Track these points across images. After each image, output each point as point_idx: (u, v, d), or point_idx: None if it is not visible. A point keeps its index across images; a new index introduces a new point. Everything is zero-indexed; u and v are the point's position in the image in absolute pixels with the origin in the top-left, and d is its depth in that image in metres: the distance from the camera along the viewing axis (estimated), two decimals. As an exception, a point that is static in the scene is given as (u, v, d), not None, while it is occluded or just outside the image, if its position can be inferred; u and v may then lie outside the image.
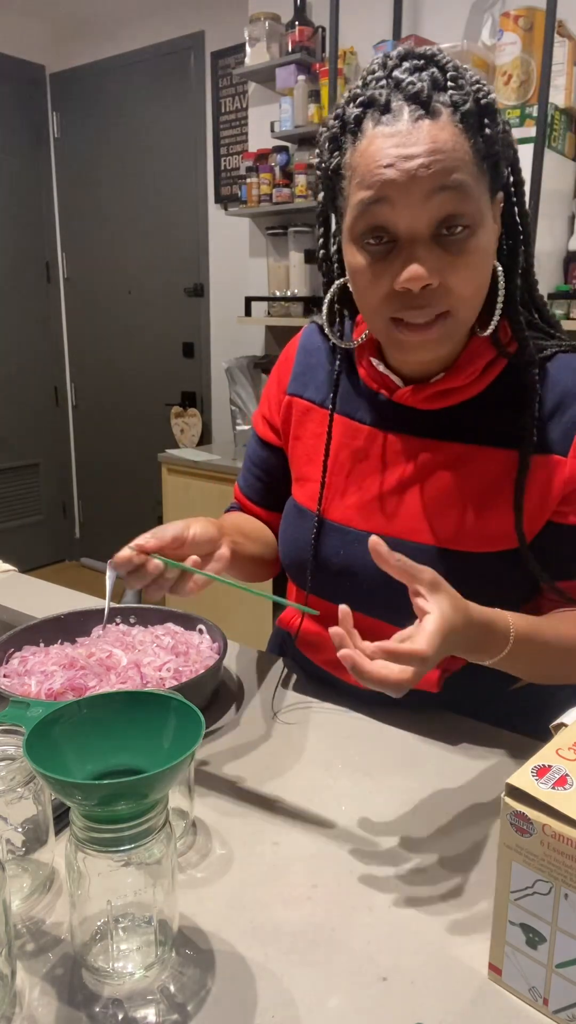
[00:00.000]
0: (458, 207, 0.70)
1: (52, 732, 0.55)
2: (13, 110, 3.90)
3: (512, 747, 0.86)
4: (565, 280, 2.27)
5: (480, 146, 0.71)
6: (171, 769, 0.50)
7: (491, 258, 0.76)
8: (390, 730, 0.89)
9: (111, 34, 3.68)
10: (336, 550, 0.89)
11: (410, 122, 0.69)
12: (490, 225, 0.74)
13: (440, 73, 0.70)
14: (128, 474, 4.17)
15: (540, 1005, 0.54)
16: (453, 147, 0.69)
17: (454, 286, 0.72)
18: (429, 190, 0.69)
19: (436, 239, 0.71)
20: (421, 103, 0.69)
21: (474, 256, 0.72)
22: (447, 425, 0.84)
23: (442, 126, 0.69)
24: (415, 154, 0.68)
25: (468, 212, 0.70)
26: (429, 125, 0.69)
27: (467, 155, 0.70)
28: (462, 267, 0.72)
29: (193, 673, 0.93)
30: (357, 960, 0.58)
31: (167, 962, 0.57)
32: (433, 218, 0.70)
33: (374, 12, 2.58)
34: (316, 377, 0.95)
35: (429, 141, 0.68)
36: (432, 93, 0.69)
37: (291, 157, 2.80)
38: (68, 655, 0.95)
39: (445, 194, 0.69)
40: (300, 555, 0.93)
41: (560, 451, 0.79)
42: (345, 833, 0.72)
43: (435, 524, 0.84)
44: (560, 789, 0.51)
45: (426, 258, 0.71)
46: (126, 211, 3.84)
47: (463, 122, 0.69)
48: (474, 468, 0.83)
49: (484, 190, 0.72)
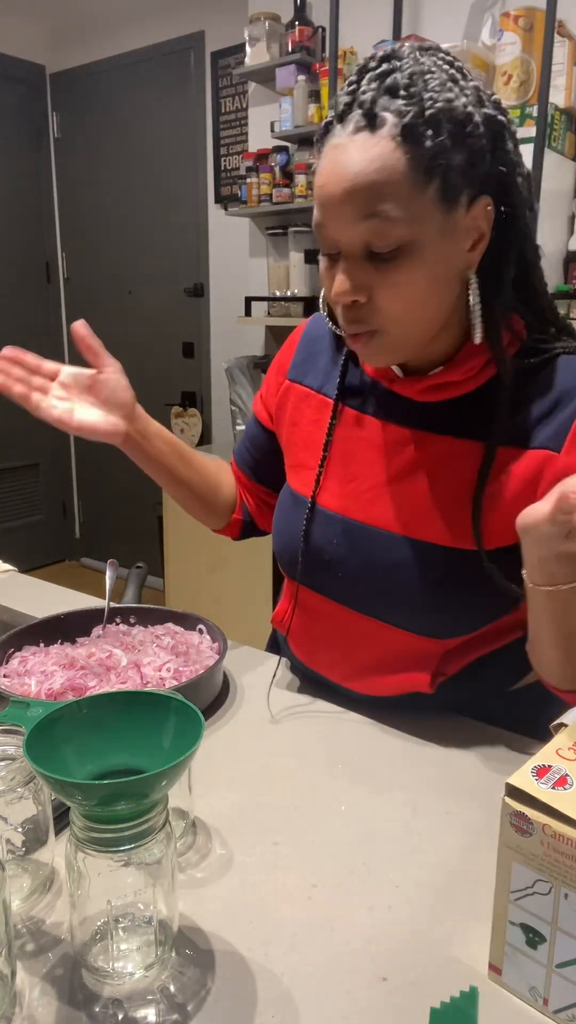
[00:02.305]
0: (378, 235, 0.70)
1: (52, 732, 0.55)
2: (13, 110, 3.90)
3: (512, 747, 0.86)
4: (565, 280, 2.27)
5: (422, 159, 0.68)
6: (171, 769, 0.50)
7: (436, 273, 0.73)
8: (390, 730, 0.89)
9: (111, 34, 3.68)
10: (329, 539, 0.89)
11: (350, 135, 0.69)
12: (436, 240, 0.71)
13: (400, 78, 0.68)
14: (128, 474, 4.14)
15: (540, 1005, 0.54)
16: (377, 164, 0.68)
17: (381, 304, 0.73)
18: (352, 216, 0.70)
19: (369, 256, 0.72)
20: (365, 113, 0.69)
21: (405, 274, 0.71)
22: (443, 419, 0.84)
23: (377, 140, 0.68)
24: (343, 176, 0.69)
25: (393, 234, 0.70)
26: (364, 139, 0.68)
27: (398, 173, 0.68)
28: (389, 286, 0.72)
29: (193, 673, 0.94)
30: (357, 960, 0.58)
31: (167, 962, 0.57)
32: (361, 238, 0.71)
33: (374, 12, 2.58)
34: (317, 364, 0.95)
35: (358, 160, 0.68)
36: (379, 101, 0.68)
37: (291, 157, 2.80)
38: (68, 655, 0.95)
39: (369, 222, 0.69)
40: (292, 541, 0.92)
41: (553, 447, 0.79)
42: (345, 833, 0.72)
43: (429, 518, 0.84)
44: (560, 789, 0.51)
45: (354, 274, 0.72)
46: (126, 211, 3.84)
47: (403, 134, 0.68)
48: (467, 463, 0.83)
49: (428, 205, 0.70)
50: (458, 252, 0.74)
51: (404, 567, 0.84)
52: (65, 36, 3.88)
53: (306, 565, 0.91)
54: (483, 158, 0.72)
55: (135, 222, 3.81)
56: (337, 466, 0.91)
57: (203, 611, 1.07)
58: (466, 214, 0.72)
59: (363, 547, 0.86)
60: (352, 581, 0.88)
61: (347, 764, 0.83)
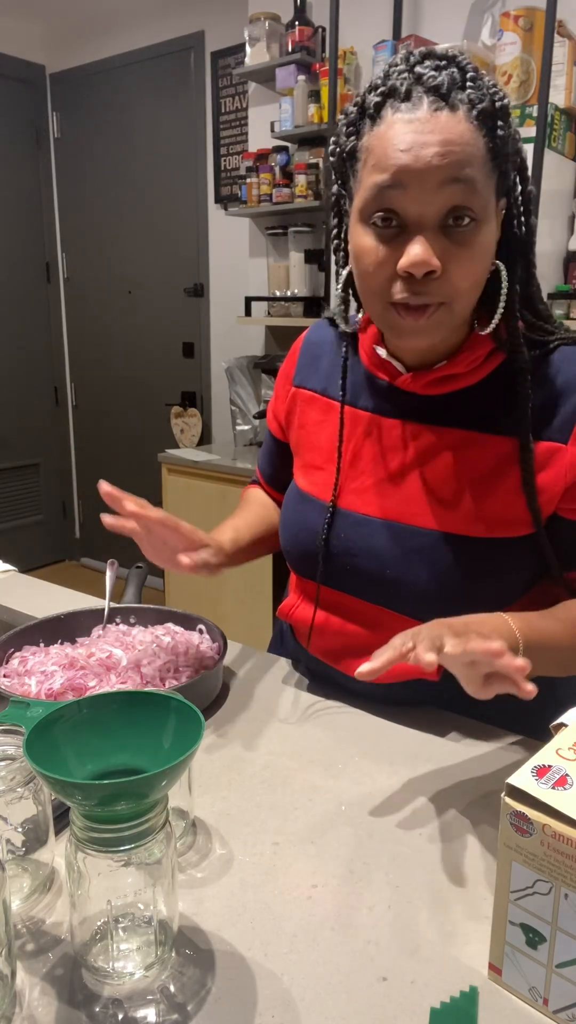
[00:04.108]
0: (467, 200, 0.72)
1: (52, 732, 0.55)
2: (13, 110, 3.90)
3: (512, 747, 0.86)
4: (565, 280, 2.27)
5: (493, 146, 0.72)
6: (171, 769, 0.50)
7: (490, 256, 0.77)
8: (390, 730, 0.89)
9: (111, 34, 3.68)
10: (338, 533, 0.91)
11: (429, 111, 0.71)
12: (493, 224, 0.76)
13: (460, 72, 0.72)
14: (128, 474, 4.17)
15: (540, 1005, 0.54)
16: (468, 141, 0.71)
17: (454, 276, 0.74)
18: (442, 180, 0.71)
19: (443, 229, 0.73)
20: (441, 95, 0.71)
21: (476, 250, 0.74)
22: (447, 412, 0.86)
23: (459, 120, 0.71)
24: (431, 142, 0.70)
25: (476, 206, 0.72)
26: (447, 117, 0.71)
27: (480, 152, 0.72)
28: (465, 259, 0.74)
29: (193, 673, 0.94)
30: (357, 960, 0.58)
31: (167, 962, 0.57)
32: (443, 207, 0.72)
33: (374, 12, 2.58)
34: (319, 368, 0.98)
35: (446, 132, 0.70)
36: (451, 89, 0.71)
37: (291, 157, 2.80)
38: (68, 655, 0.95)
39: (457, 186, 0.71)
40: (306, 542, 0.93)
41: (560, 439, 0.81)
42: (345, 833, 0.72)
43: (435, 508, 0.85)
44: (560, 789, 0.51)
45: (432, 245, 0.73)
46: (126, 211, 3.84)
47: (479, 119, 0.71)
48: (473, 454, 0.84)
49: (492, 190, 0.74)
50: (494, 241, 0.77)
51: (411, 557, 0.85)
52: (65, 36, 3.88)
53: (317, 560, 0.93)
54: (519, 157, 0.77)
55: (135, 222, 3.81)
56: (348, 465, 0.92)
57: (203, 611, 1.07)
58: (496, 207, 0.76)
59: (370, 539, 0.88)
60: (361, 572, 0.89)
61: (347, 763, 0.83)
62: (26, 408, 4.18)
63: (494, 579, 0.84)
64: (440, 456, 0.86)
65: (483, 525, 0.84)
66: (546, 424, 0.81)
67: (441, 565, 0.84)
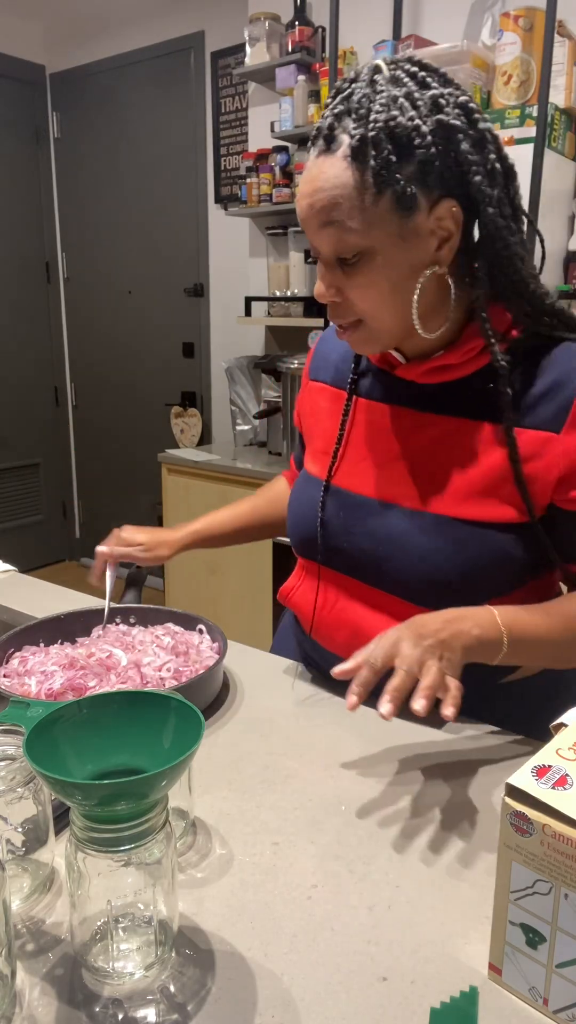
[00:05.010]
0: (341, 239, 0.78)
1: (52, 732, 0.55)
2: (13, 110, 3.90)
3: (512, 747, 0.86)
4: (565, 280, 2.27)
5: (369, 175, 0.75)
6: (171, 769, 0.50)
7: (399, 274, 0.80)
8: (390, 730, 0.89)
9: (111, 34, 3.68)
10: (335, 512, 0.95)
11: (314, 158, 0.79)
12: (395, 245, 0.78)
13: (352, 102, 0.76)
14: (128, 474, 4.17)
15: (540, 1005, 0.54)
16: (333, 183, 0.76)
17: (354, 301, 0.82)
18: (317, 225, 0.79)
19: (338, 262, 0.81)
20: (324, 138, 0.78)
21: (367, 277, 0.80)
22: (442, 400, 0.89)
23: (333, 161, 0.76)
24: (307, 192, 0.79)
25: (351, 243, 0.78)
26: (322, 161, 0.77)
27: (350, 188, 0.76)
28: (356, 287, 0.81)
29: (193, 673, 0.94)
30: (357, 960, 0.58)
31: (167, 962, 0.57)
32: (328, 246, 0.80)
33: (374, 12, 2.58)
34: (330, 362, 1.04)
35: (319, 179, 0.77)
36: (336, 125, 0.77)
37: (291, 157, 2.80)
38: (68, 655, 0.95)
39: (329, 228, 0.78)
40: (303, 518, 0.98)
41: (553, 428, 0.83)
42: (345, 833, 0.72)
43: (427, 491, 0.89)
44: (560, 789, 0.51)
45: (326, 277, 0.82)
46: (126, 211, 3.84)
47: (352, 154, 0.75)
48: (464, 440, 0.88)
49: (384, 214, 0.76)
50: (423, 252, 0.80)
51: (403, 537, 0.88)
52: (65, 36, 3.88)
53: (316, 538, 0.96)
54: (434, 164, 0.76)
55: (135, 222, 3.81)
56: (348, 448, 0.97)
57: (203, 611, 1.08)
58: (428, 217, 0.78)
59: (364, 519, 0.92)
60: (356, 552, 0.92)
61: (347, 764, 0.83)
62: (26, 408, 4.18)
63: (487, 564, 0.86)
64: (433, 441, 0.89)
65: (473, 508, 0.86)
66: (540, 414, 0.83)
67: (432, 547, 0.87)
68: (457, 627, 0.77)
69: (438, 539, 0.86)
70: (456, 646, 0.75)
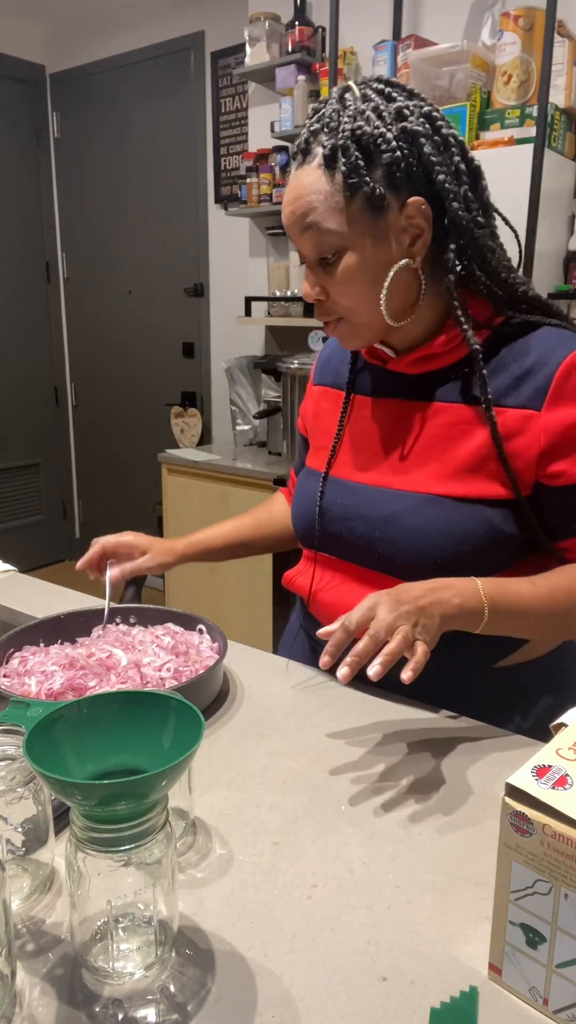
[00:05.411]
0: (319, 241, 0.86)
1: (52, 732, 0.55)
2: (13, 110, 3.90)
3: (512, 747, 0.86)
4: (565, 280, 2.27)
5: (340, 179, 0.82)
6: (171, 769, 0.50)
7: (376, 270, 0.86)
8: (391, 730, 0.89)
9: (111, 34, 3.68)
10: (335, 500, 0.99)
11: (294, 171, 0.87)
12: (370, 243, 0.85)
13: (323, 117, 0.84)
14: (128, 474, 4.17)
15: (540, 1005, 0.54)
16: (309, 189, 0.84)
17: (336, 298, 0.89)
18: (299, 230, 0.87)
19: (320, 263, 0.88)
20: (302, 151, 0.86)
21: (344, 275, 0.86)
22: (432, 388, 0.95)
23: (309, 171, 0.84)
24: (289, 200, 0.87)
25: (329, 243, 0.85)
26: (300, 172, 0.85)
27: (323, 193, 0.83)
28: (336, 284, 0.88)
29: (193, 673, 0.94)
30: (357, 960, 0.58)
31: (167, 962, 0.57)
32: (310, 248, 0.87)
33: (374, 12, 2.58)
34: (331, 365, 1.10)
35: (298, 188, 0.85)
36: (311, 139, 0.84)
37: (291, 157, 2.80)
38: (68, 655, 0.95)
39: (309, 231, 0.86)
40: (307, 511, 1.02)
41: (534, 406, 0.87)
42: (345, 832, 0.72)
43: (417, 473, 0.93)
44: (560, 789, 0.51)
45: (310, 277, 0.90)
46: (126, 211, 3.84)
47: (324, 162, 0.83)
48: (454, 423, 0.92)
49: (357, 215, 0.83)
50: (397, 249, 0.86)
51: (397, 519, 0.92)
52: (65, 36, 3.88)
53: (318, 526, 1.00)
54: (400, 166, 0.82)
55: (135, 222, 3.81)
56: (346, 442, 1.02)
57: (203, 611, 1.08)
58: (399, 215, 0.84)
59: (360, 504, 0.96)
60: (354, 536, 0.96)
61: (347, 764, 0.83)
62: (26, 408, 4.18)
63: (479, 541, 0.89)
64: (423, 427, 0.94)
65: (462, 485, 0.90)
66: (522, 393, 0.88)
67: (425, 525, 0.90)
68: (438, 595, 0.80)
69: (430, 517, 0.90)
70: (434, 612, 0.78)
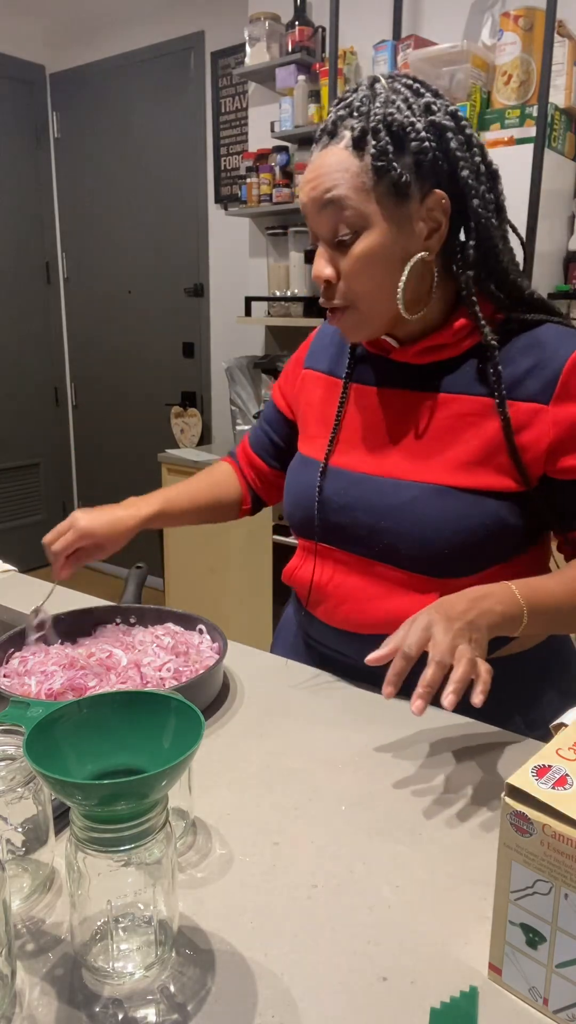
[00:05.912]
0: (337, 217, 0.85)
1: (52, 732, 0.55)
2: (13, 110, 3.90)
3: (512, 747, 0.86)
4: (565, 280, 2.27)
5: (368, 160, 0.82)
6: (171, 769, 0.50)
7: (392, 256, 0.86)
8: (391, 730, 0.89)
9: (111, 34, 3.68)
10: (338, 490, 0.98)
11: (318, 151, 0.86)
12: (389, 228, 0.84)
13: (354, 102, 0.84)
14: (128, 474, 4.17)
15: (540, 1005, 0.54)
16: (334, 167, 0.84)
17: (349, 281, 0.87)
18: (318, 206, 0.86)
19: (336, 244, 0.87)
20: (328, 133, 0.85)
21: (361, 257, 0.85)
22: (438, 379, 0.94)
23: (335, 151, 0.84)
24: (311, 178, 0.86)
25: (347, 220, 0.84)
26: (325, 152, 0.85)
27: (349, 172, 0.83)
28: (350, 266, 0.86)
29: (193, 673, 0.94)
30: (357, 960, 0.58)
31: (167, 962, 0.57)
32: (327, 227, 0.86)
33: (374, 12, 2.58)
34: (328, 352, 1.08)
35: (323, 167, 0.85)
36: (339, 123, 0.84)
37: (291, 157, 2.80)
38: (68, 655, 0.95)
39: (329, 207, 0.85)
40: (303, 499, 1.01)
41: (542, 400, 0.88)
42: (345, 833, 0.72)
43: (423, 463, 0.93)
44: (560, 789, 0.51)
45: (324, 255, 0.88)
46: (126, 211, 3.84)
47: (353, 143, 0.83)
48: (462, 414, 0.92)
49: (381, 198, 0.83)
50: (414, 239, 0.86)
51: (402, 509, 0.92)
52: (65, 36, 3.88)
53: (318, 517, 0.99)
54: (427, 157, 0.83)
55: (135, 222, 3.81)
56: (345, 432, 1.01)
57: (203, 611, 1.08)
58: (420, 206, 0.84)
59: (364, 494, 0.96)
60: (357, 527, 0.96)
61: (347, 764, 0.83)
62: (26, 408, 4.18)
63: (486, 532, 0.89)
64: (429, 418, 0.94)
65: (470, 477, 0.90)
66: (529, 387, 0.88)
67: (432, 515, 0.90)
68: (482, 606, 0.79)
69: (438, 508, 0.90)
70: (482, 625, 0.78)
